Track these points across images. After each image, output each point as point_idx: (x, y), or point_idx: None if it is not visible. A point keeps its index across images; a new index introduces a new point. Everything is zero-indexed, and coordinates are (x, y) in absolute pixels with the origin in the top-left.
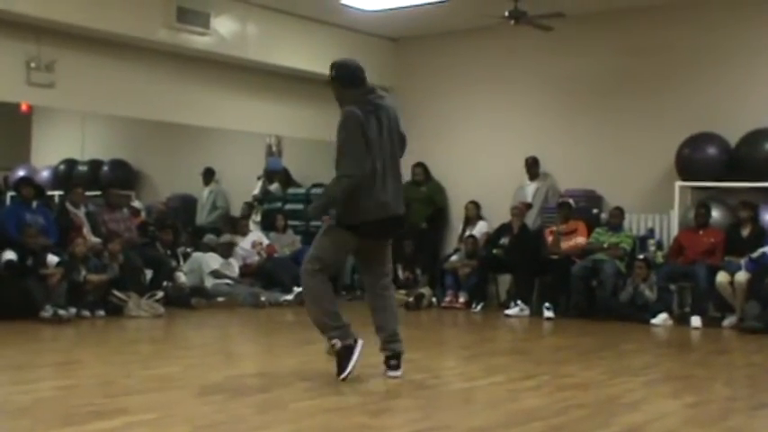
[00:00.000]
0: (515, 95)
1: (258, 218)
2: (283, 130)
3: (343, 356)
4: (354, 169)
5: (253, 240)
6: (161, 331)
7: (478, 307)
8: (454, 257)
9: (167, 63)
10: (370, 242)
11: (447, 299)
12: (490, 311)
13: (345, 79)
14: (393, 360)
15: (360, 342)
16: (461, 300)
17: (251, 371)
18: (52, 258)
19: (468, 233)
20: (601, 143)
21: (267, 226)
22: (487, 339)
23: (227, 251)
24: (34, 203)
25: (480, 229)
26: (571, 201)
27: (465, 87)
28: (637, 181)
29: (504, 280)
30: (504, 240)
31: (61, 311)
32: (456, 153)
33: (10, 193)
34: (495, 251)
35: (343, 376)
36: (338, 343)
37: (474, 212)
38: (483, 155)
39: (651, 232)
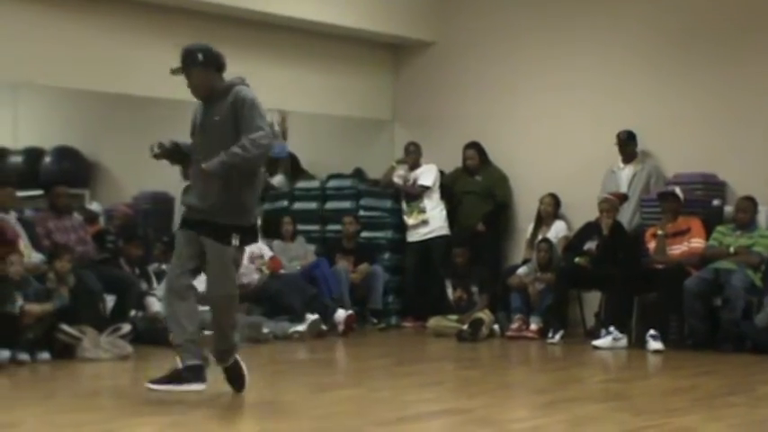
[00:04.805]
0: (603, 48)
1: (257, 222)
2: (289, 103)
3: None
4: (267, 140)
5: (250, 252)
6: (128, 379)
7: (557, 336)
8: (522, 270)
9: (129, 16)
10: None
11: (514, 326)
12: (573, 342)
13: (219, 63)
14: None
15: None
16: (533, 327)
17: (251, 430)
18: None
19: (540, 237)
20: (723, 110)
21: (269, 232)
22: (571, 380)
23: None
24: None
25: (557, 230)
26: (678, 190)
27: (533, 39)
28: None
29: (592, 299)
30: (591, 245)
31: None
32: (522, 129)
33: None
34: (577, 260)
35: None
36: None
37: (551, 209)
38: (559, 131)
39: None
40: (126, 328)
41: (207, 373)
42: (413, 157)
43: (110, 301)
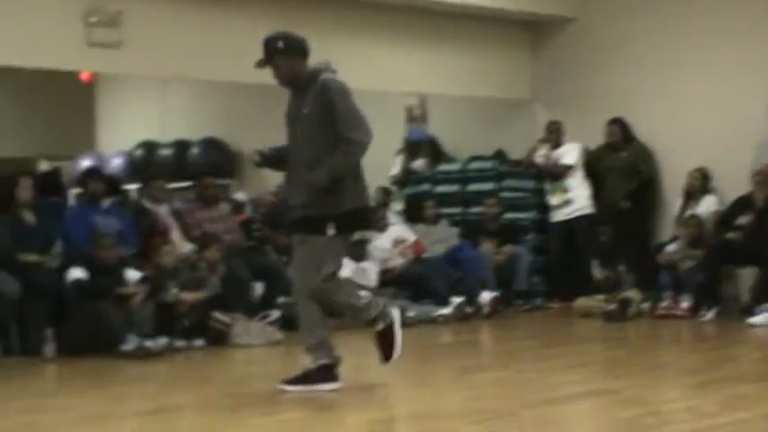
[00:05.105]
0: (748, 18)
1: (399, 206)
2: (428, 86)
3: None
4: (368, 136)
5: (394, 237)
6: (278, 364)
7: (709, 314)
8: (671, 247)
9: (269, 8)
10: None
11: (664, 304)
12: (727, 320)
13: (302, 49)
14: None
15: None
16: (684, 305)
17: (400, 412)
18: (133, 274)
19: (689, 212)
20: None
21: (412, 216)
22: (725, 359)
23: (359, 253)
24: (105, 202)
25: (708, 205)
26: None
27: (674, 13)
28: None
29: (747, 275)
30: (744, 220)
31: (148, 342)
32: (667, 103)
33: (74, 190)
34: (730, 235)
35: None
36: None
37: (699, 183)
38: (706, 104)
39: None
40: (275, 314)
41: (338, 371)
42: (554, 136)
43: (258, 288)
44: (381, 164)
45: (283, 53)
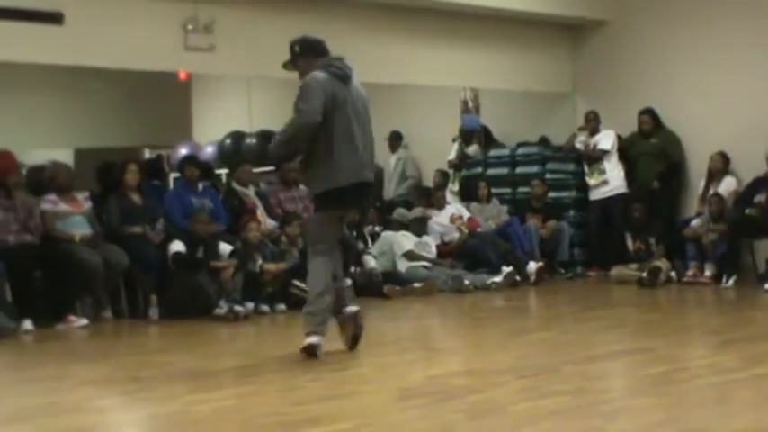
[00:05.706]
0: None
1: (456, 187)
2: (480, 81)
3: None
4: (307, 107)
5: (451, 214)
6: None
7: (730, 281)
8: (696, 222)
9: (341, 14)
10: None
11: (689, 272)
12: (745, 286)
13: (315, 50)
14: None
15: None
16: (707, 273)
17: (457, 368)
18: (225, 247)
19: (712, 191)
20: None
21: (467, 196)
22: (745, 321)
23: (421, 228)
24: (200, 185)
25: (727, 185)
26: None
27: (701, 16)
28: None
29: (763, 246)
30: (760, 198)
31: (237, 307)
32: (693, 95)
33: (173, 175)
34: (747, 211)
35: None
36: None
37: (720, 166)
38: (726, 96)
39: None
40: (347, 282)
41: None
42: (592, 124)
43: None
44: (440, 150)
45: (300, 55)
